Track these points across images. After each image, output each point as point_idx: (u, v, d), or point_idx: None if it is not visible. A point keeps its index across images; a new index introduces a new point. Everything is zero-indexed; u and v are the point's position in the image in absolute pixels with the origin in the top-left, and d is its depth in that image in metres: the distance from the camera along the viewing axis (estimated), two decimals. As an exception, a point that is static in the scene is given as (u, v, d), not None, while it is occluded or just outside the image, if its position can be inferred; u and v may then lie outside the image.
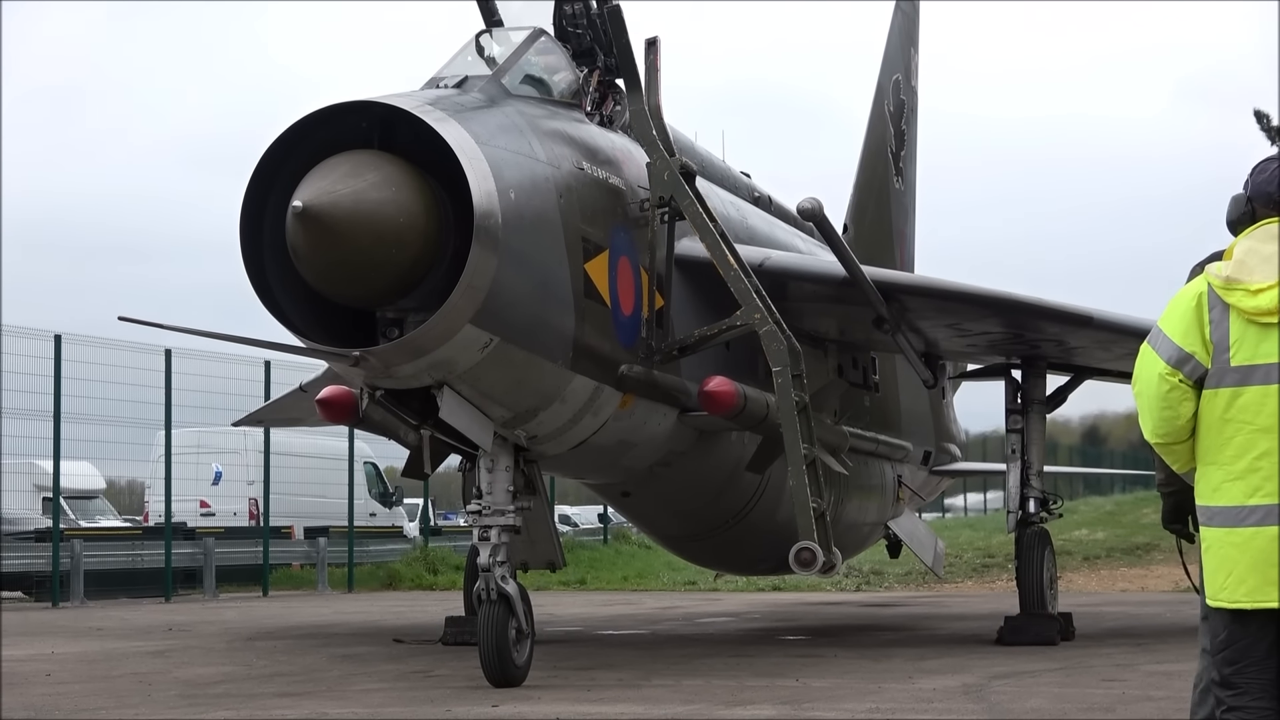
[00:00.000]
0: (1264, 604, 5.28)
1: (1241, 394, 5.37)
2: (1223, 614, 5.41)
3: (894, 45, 22.43)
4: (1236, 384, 5.38)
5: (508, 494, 11.84)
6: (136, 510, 35.88)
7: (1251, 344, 5.37)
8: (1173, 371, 5.48)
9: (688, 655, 14.41)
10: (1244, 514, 5.32)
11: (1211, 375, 5.44)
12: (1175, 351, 5.48)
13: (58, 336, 23.77)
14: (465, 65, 12.36)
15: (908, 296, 15.41)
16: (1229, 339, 5.41)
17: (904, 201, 22.82)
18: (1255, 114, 42.51)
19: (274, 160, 11.04)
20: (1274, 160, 5.67)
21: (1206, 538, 5.47)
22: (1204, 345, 5.46)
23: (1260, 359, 5.35)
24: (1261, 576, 5.28)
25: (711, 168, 15.96)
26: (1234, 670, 5.39)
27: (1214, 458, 5.45)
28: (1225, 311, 5.43)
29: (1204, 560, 5.48)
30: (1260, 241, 5.49)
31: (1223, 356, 5.41)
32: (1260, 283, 5.37)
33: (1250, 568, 5.30)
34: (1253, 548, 5.30)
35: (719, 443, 14.72)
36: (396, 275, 10.63)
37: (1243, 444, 5.35)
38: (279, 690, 11.64)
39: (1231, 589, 5.36)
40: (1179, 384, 5.47)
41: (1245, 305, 5.37)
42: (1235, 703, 5.38)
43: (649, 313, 13.04)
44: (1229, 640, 5.40)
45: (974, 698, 10.49)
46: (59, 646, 15.93)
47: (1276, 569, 5.24)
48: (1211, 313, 5.46)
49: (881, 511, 18.81)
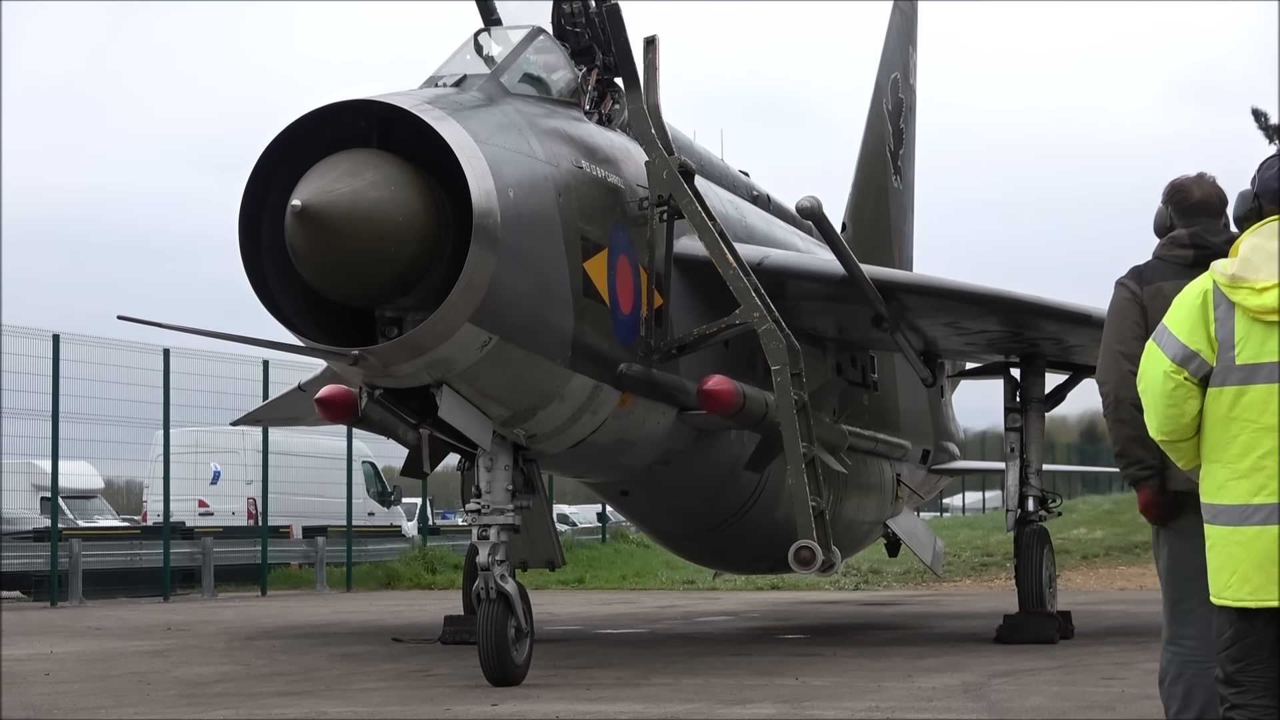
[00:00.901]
0: (1268, 603, 5.28)
1: (1246, 392, 5.37)
2: (1228, 612, 5.42)
3: (892, 44, 22.44)
4: (1241, 382, 5.38)
5: (507, 493, 11.84)
6: (135, 510, 35.88)
7: (1257, 342, 5.37)
8: (1178, 369, 5.48)
9: (687, 654, 14.40)
10: (1248, 512, 5.32)
11: (1216, 373, 5.44)
12: (1181, 349, 5.48)
13: (56, 336, 23.75)
14: (464, 64, 12.36)
15: (906, 295, 15.41)
16: (1234, 337, 5.40)
17: (902, 200, 22.83)
18: (1253, 112, 42.47)
19: (273, 159, 11.03)
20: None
21: (1210, 535, 5.47)
22: (1209, 343, 5.46)
23: (1265, 357, 5.35)
24: (1265, 575, 5.28)
25: (710, 166, 15.96)
26: (1238, 668, 5.39)
27: (1219, 455, 5.45)
28: (1230, 309, 5.43)
29: (1209, 557, 5.48)
30: (1265, 239, 5.49)
31: (1228, 354, 5.41)
32: (1265, 281, 5.36)
33: (1255, 566, 5.30)
34: (1257, 547, 5.30)
35: (718, 441, 14.71)
36: (395, 274, 10.63)
37: (1247, 442, 5.34)
38: (278, 689, 11.63)
39: (1236, 587, 5.36)
40: (1184, 382, 5.47)
41: (1250, 303, 5.37)
42: (1239, 700, 5.39)
43: (648, 311, 13.03)
44: (1234, 638, 5.40)
45: (973, 696, 10.49)
46: (58, 646, 15.92)
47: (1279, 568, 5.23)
48: (1217, 310, 5.46)
49: (880, 510, 18.80)
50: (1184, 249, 6.68)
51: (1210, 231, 6.67)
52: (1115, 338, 6.54)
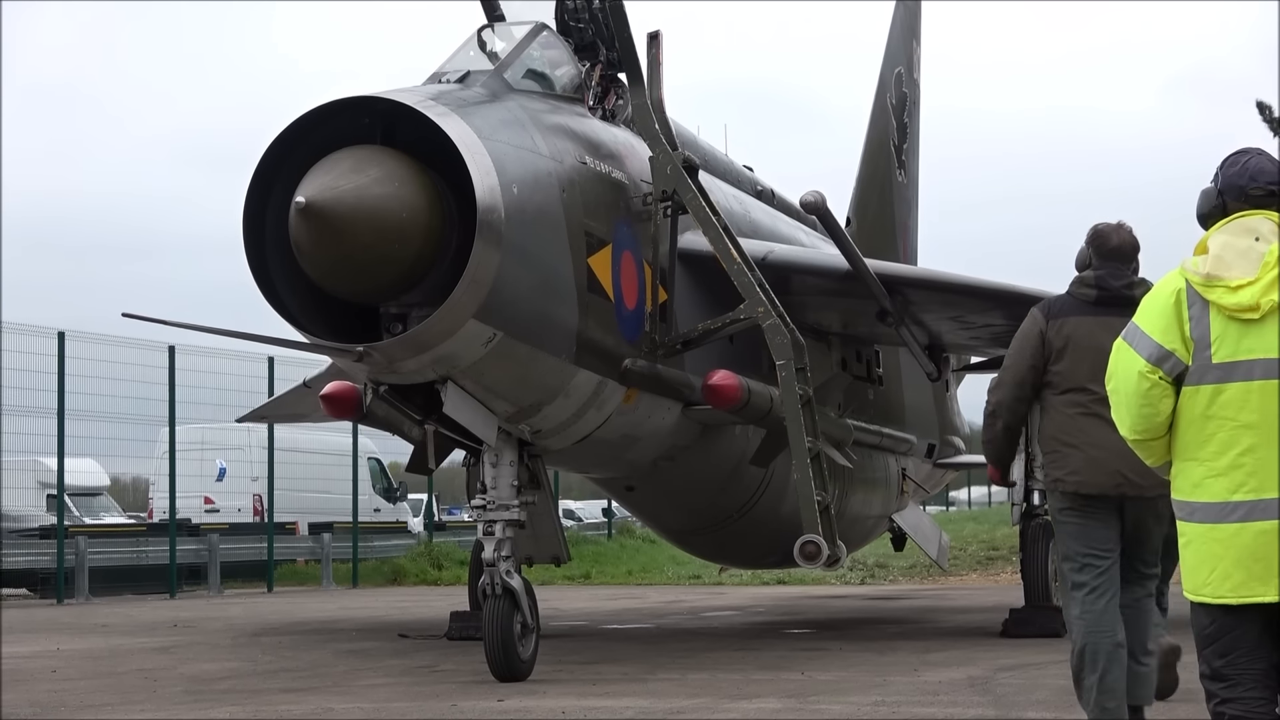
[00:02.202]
0: (1252, 599, 5.25)
1: (1224, 390, 5.32)
2: (1208, 609, 5.39)
3: (896, 39, 22.43)
4: (1219, 381, 5.33)
5: (512, 489, 11.85)
6: (141, 507, 35.91)
7: (1233, 340, 5.33)
8: (1152, 369, 5.43)
9: (693, 649, 14.41)
10: (1228, 510, 5.28)
11: (1192, 372, 5.39)
12: (1155, 349, 5.43)
13: (61, 334, 23.76)
14: (467, 60, 12.36)
15: (911, 289, 15.41)
16: (1210, 336, 5.36)
17: (907, 195, 22.82)
18: (1258, 105, 42.27)
19: (277, 156, 11.04)
20: (1244, 153, 5.66)
21: (1186, 533, 5.43)
22: (1184, 342, 5.41)
23: (1242, 355, 5.31)
24: (1247, 572, 5.25)
25: (714, 161, 15.95)
26: (1225, 662, 5.38)
27: (1194, 454, 5.40)
28: (1205, 308, 5.38)
29: (1183, 555, 5.45)
30: (1235, 235, 5.45)
31: (1204, 354, 5.36)
32: (1240, 279, 5.32)
33: (1235, 563, 5.26)
34: (1238, 544, 5.26)
35: (723, 437, 14.72)
36: (400, 271, 10.63)
37: (1225, 440, 5.31)
38: (284, 686, 11.65)
39: (1216, 584, 5.32)
40: (1159, 381, 5.42)
41: (1226, 302, 5.33)
42: (1229, 694, 5.37)
43: (652, 307, 13.04)
44: (1218, 633, 5.38)
45: (980, 690, 10.49)
46: (64, 643, 15.94)
47: (1264, 563, 5.21)
48: (1191, 309, 5.41)
49: (886, 504, 18.81)
50: (1089, 289, 7.86)
51: (1114, 276, 7.83)
52: (1012, 360, 8.00)
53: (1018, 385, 7.92)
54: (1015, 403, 8.00)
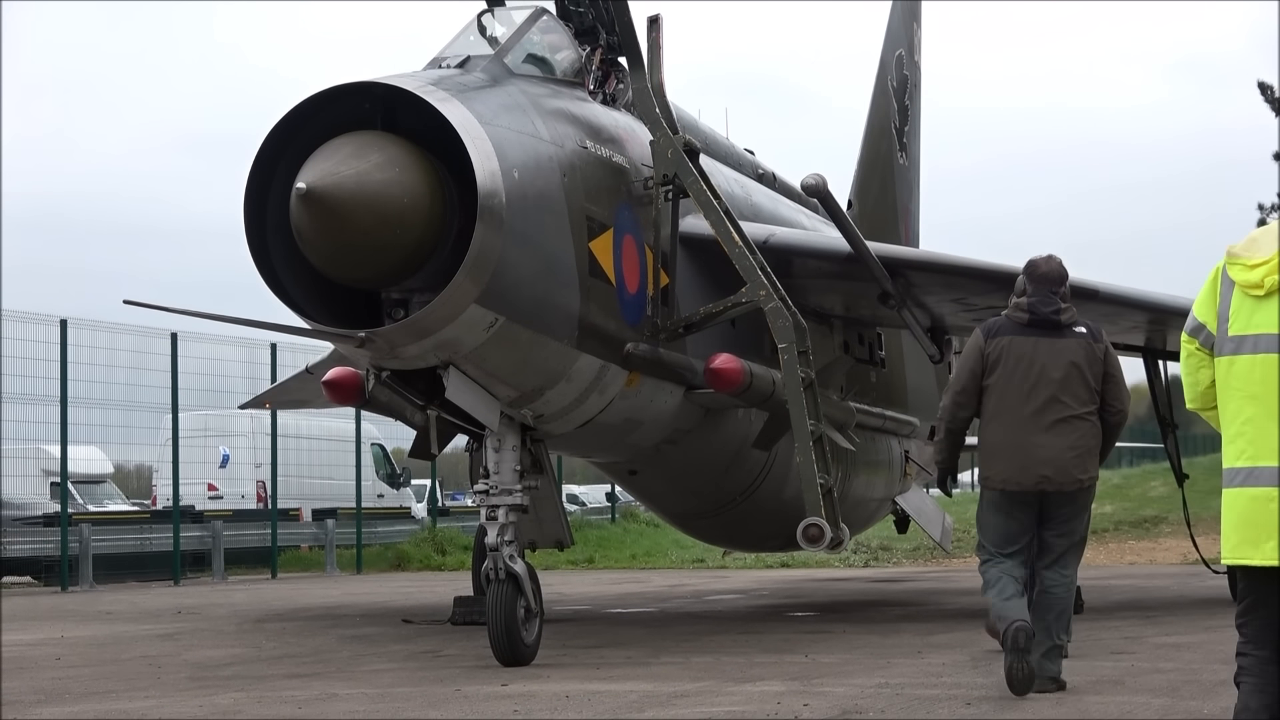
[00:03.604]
0: (1241, 561, 5.67)
1: (1235, 362, 5.73)
2: (1234, 567, 5.79)
3: (896, 20, 22.37)
4: (1233, 352, 5.75)
5: (515, 473, 11.84)
6: (144, 494, 35.97)
7: (1245, 315, 5.73)
8: (1190, 339, 5.96)
9: (696, 632, 14.42)
10: (1233, 475, 5.69)
11: (1217, 344, 5.83)
12: (1193, 321, 5.94)
13: (63, 321, 23.76)
14: (467, 45, 12.33)
15: (913, 272, 15.38)
16: (1229, 310, 5.79)
17: (908, 177, 22.77)
18: (1259, 85, 42.27)
19: (277, 142, 11.03)
20: None
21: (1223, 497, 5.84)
22: (1214, 316, 5.85)
23: (1251, 329, 5.71)
24: (1240, 535, 5.66)
25: (715, 145, 15.92)
26: (1244, 621, 5.83)
27: (1223, 422, 5.82)
28: (1230, 285, 5.81)
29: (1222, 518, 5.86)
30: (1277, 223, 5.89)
31: (1224, 326, 5.80)
32: (1258, 258, 5.71)
33: (1233, 526, 5.69)
34: (1236, 507, 5.68)
35: (725, 420, 14.72)
36: (401, 256, 10.62)
37: (1234, 409, 5.73)
38: (288, 671, 11.66)
39: (1223, 545, 5.76)
40: (1196, 351, 5.94)
41: (1240, 279, 5.75)
42: (1242, 649, 5.83)
43: (654, 291, 13.02)
44: (1245, 591, 5.83)
45: (983, 672, 10.49)
46: (68, 630, 15.97)
47: (1255, 528, 5.60)
48: (1222, 286, 5.85)
49: (889, 487, 18.81)
50: (1022, 312, 9.58)
51: (1043, 302, 9.53)
52: (957, 372, 9.74)
53: (960, 393, 9.53)
54: (956, 409, 9.56)
